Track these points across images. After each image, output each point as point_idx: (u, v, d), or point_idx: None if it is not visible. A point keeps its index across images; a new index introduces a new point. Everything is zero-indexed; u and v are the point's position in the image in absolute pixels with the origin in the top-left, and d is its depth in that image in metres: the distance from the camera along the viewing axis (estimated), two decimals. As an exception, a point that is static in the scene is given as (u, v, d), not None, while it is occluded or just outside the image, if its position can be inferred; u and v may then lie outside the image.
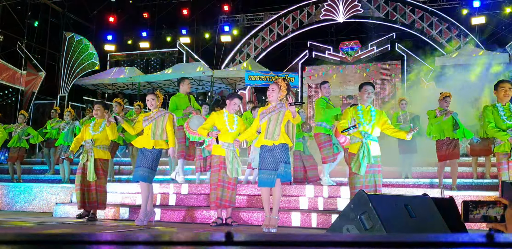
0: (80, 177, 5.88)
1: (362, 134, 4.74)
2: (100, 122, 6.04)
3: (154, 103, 5.65)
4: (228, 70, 15.60)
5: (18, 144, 9.23)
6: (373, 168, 4.68)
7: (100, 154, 5.92)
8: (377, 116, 4.81)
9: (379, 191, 4.61)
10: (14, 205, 7.98)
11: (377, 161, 4.72)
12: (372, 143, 4.73)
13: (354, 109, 4.92)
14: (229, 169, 5.19)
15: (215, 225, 5.32)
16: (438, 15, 15.45)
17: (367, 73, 16.40)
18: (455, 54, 13.47)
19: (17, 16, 15.77)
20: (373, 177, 4.66)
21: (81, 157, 5.99)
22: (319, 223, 5.49)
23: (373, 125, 4.76)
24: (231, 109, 5.36)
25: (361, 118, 4.79)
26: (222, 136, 5.26)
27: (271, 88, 4.92)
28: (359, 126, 4.71)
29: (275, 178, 4.69)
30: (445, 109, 6.91)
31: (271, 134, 4.76)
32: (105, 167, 6.02)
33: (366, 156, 4.63)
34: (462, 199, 5.62)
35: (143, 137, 5.59)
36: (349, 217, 2.69)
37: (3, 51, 15.28)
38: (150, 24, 19.25)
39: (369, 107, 4.88)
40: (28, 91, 14.27)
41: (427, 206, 3.19)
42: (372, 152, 4.69)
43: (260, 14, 18.38)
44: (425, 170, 8.20)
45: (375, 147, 4.75)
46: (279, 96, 4.89)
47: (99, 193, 5.90)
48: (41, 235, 0.77)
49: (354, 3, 15.91)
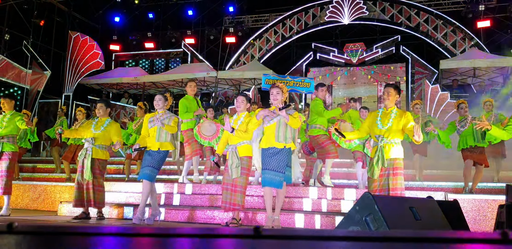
0: (78, 175, 5.88)
1: (376, 137, 4.68)
2: (103, 121, 6.02)
3: (160, 104, 5.64)
4: (232, 71, 15.64)
5: (20, 144, 9.27)
6: (388, 171, 4.55)
7: (98, 154, 5.88)
8: (396, 119, 4.63)
9: (394, 195, 4.44)
10: (18, 203, 8.02)
11: (392, 164, 4.55)
12: (390, 146, 4.59)
13: (375, 113, 4.86)
14: (229, 170, 5.20)
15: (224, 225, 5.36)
16: (443, 18, 15.45)
17: (372, 76, 16.40)
18: (461, 57, 13.46)
19: (23, 15, 15.85)
20: (387, 180, 4.54)
21: (80, 153, 5.98)
22: (323, 224, 5.50)
23: (389, 128, 4.61)
24: (237, 108, 5.39)
25: (378, 121, 4.71)
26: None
27: (275, 91, 4.97)
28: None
29: (283, 180, 4.72)
30: (465, 117, 6.80)
31: (283, 137, 4.79)
32: (101, 167, 5.95)
33: (380, 159, 4.56)
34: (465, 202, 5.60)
35: (149, 139, 5.60)
36: (355, 219, 2.70)
37: (9, 50, 15.35)
38: (155, 24, 19.31)
39: (391, 109, 4.73)
40: (33, 90, 14.33)
41: (431, 209, 3.21)
42: (390, 155, 4.56)
43: (265, 15, 18.40)
44: (429, 173, 8.20)
45: (394, 150, 4.59)
46: (282, 98, 4.95)
47: (96, 192, 5.88)
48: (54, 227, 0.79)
49: (359, 6, 15.92)
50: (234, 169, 5.15)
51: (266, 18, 18.32)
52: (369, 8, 16.03)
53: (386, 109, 4.78)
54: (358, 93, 16.37)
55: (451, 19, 15.36)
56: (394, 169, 4.54)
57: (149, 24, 19.32)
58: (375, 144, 4.70)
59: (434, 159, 8.36)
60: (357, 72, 16.73)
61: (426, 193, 6.16)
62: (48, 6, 17.02)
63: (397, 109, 4.74)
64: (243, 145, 5.23)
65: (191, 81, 7.21)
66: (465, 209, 5.47)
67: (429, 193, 6.22)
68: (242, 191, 5.21)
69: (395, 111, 4.71)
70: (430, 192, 6.39)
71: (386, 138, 4.60)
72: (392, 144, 4.60)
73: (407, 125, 4.56)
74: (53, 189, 7.89)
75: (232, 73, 15.30)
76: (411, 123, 4.52)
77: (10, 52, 15.27)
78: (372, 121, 4.78)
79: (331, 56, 16.50)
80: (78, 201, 5.85)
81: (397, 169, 4.54)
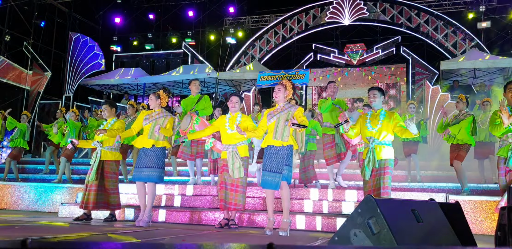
0: (88, 177, 5.88)
1: (368, 139, 4.77)
2: (109, 122, 6.04)
3: (151, 103, 5.64)
4: (233, 72, 15.64)
5: (16, 144, 9.35)
6: (379, 171, 4.67)
7: (107, 156, 5.87)
8: (385, 120, 4.75)
9: (384, 193, 4.56)
10: (19, 204, 8.02)
11: (383, 164, 4.67)
12: (381, 147, 4.71)
13: (364, 115, 4.97)
14: (230, 170, 5.19)
15: (219, 226, 5.32)
16: (444, 19, 15.45)
17: (372, 76, 16.40)
18: (461, 58, 13.45)
19: (23, 16, 15.87)
20: (378, 180, 4.65)
21: (92, 156, 5.99)
22: (324, 226, 5.50)
23: (379, 129, 4.73)
24: (231, 108, 5.36)
25: (368, 123, 4.81)
26: (222, 137, 5.32)
27: (276, 88, 4.95)
28: (351, 121, 4.83)
29: (280, 180, 4.67)
30: (462, 112, 6.85)
31: (281, 135, 4.76)
32: (112, 169, 5.92)
33: (370, 161, 4.68)
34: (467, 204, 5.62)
35: (142, 137, 5.58)
36: (357, 222, 2.70)
37: (10, 51, 15.37)
38: (156, 25, 19.32)
39: (379, 111, 4.85)
40: (34, 91, 14.34)
41: (433, 211, 3.21)
42: (381, 156, 4.68)
43: (266, 16, 18.41)
44: (430, 174, 8.20)
45: (385, 151, 4.71)
46: (285, 96, 4.91)
47: (111, 195, 5.86)
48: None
49: (360, 6, 15.91)
50: (236, 169, 5.14)
51: (267, 19, 18.33)
52: (370, 9, 16.04)
53: (374, 111, 4.90)
54: (359, 94, 16.35)
55: (452, 20, 15.37)
56: (384, 169, 4.67)
57: (149, 25, 19.34)
58: (366, 146, 4.79)
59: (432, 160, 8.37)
60: (357, 73, 16.73)
61: (427, 194, 6.16)
62: (49, 7, 17.04)
63: (385, 111, 4.88)
64: (242, 146, 5.23)
65: (190, 81, 7.22)
66: (466, 211, 5.47)
67: (430, 194, 6.22)
68: (243, 191, 5.21)
69: (384, 112, 4.84)
70: (431, 193, 6.39)
71: (377, 139, 4.72)
72: (383, 145, 4.74)
73: (396, 125, 4.70)
74: (54, 190, 7.88)
75: (232, 74, 15.31)
76: (399, 124, 4.68)
77: (11, 53, 15.29)
78: (362, 123, 4.90)
79: (332, 57, 16.50)
80: (84, 203, 5.80)
81: (387, 169, 4.68)
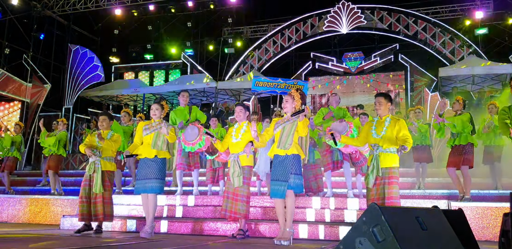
0: (85, 189, 5.81)
1: (372, 146, 4.74)
2: (106, 133, 6.02)
3: (157, 113, 5.60)
4: (232, 81, 15.68)
5: (9, 154, 9.33)
6: (383, 180, 4.59)
7: (107, 166, 5.87)
8: (390, 127, 4.70)
9: (389, 203, 4.48)
10: (20, 217, 7.98)
11: (387, 173, 4.60)
12: (385, 155, 4.64)
13: (370, 122, 4.95)
14: (231, 179, 5.19)
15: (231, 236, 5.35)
16: (441, 26, 15.55)
17: (371, 84, 16.47)
18: (463, 66, 13.47)
19: (23, 29, 15.96)
20: (383, 189, 4.58)
21: (87, 168, 5.93)
22: (327, 235, 5.47)
23: (383, 136, 4.68)
24: (237, 117, 5.40)
25: (373, 130, 4.79)
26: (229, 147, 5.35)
27: (284, 99, 5.00)
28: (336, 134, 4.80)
29: (285, 189, 4.66)
30: (458, 113, 6.73)
31: (284, 143, 4.78)
32: (111, 179, 5.95)
33: (374, 168, 4.61)
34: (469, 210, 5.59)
35: (143, 147, 5.52)
36: (362, 230, 2.69)
37: (9, 64, 15.42)
38: (155, 36, 19.41)
39: (385, 118, 4.81)
40: (33, 103, 14.36)
41: (437, 218, 3.20)
42: (385, 164, 4.61)
43: (264, 26, 18.53)
44: (430, 181, 8.17)
45: (389, 159, 4.64)
46: (293, 106, 4.93)
47: (106, 205, 5.85)
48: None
49: (357, 15, 16.02)
50: (235, 177, 5.15)
51: (265, 28, 18.44)
52: (367, 17, 16.14)
53: (380, 118, 4.86)
54: (357, 102, 16.38)
55: (449, 27, 15.46)
56: (389, 178, 4.59)
57: (148, 36, 19.43)
58: (371, 153, 4.74)
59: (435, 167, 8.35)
60: (356, 81, 16.81)
61: (429, 201, 6.14)
62: (48, 20, 17.12)
63: (391, 117, 4.81)
64: (245, 155, 5.23)
65: (180, 92, 7.32)
66: (468, 217, 5.44)
67: (432, 201, 6.20)
68: (244, 200, 5.18)
69: (389, 119, 4.78)
70: (433, 200, 6.36)
71: (381, 147, 4.66)
72: (388, 153, 4.65)
73: (399, 133, 4.63)
74: (55, 202, 7.85)
75: (231, 84, 15.34)
76: (403, 132, 4.61)
77: (10, 66, 15.34)
78: (368, 130, 4.86)
79: (330, 65, 16.58)
80: (85, 215, 5.78)
81: (393, 178, 4.59)
